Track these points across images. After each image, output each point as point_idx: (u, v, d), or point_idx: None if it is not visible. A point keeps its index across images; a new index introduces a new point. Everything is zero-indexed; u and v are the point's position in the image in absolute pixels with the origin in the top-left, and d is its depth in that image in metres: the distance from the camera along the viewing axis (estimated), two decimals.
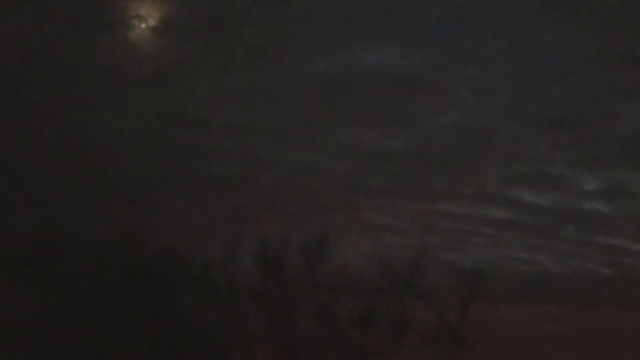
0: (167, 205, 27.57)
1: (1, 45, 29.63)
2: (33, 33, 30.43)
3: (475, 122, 39.60)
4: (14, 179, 24.98)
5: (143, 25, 32.74)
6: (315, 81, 37.67)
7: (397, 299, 22.79)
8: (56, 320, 20.61)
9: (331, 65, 38.57)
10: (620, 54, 36.79)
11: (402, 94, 38.30)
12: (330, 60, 38.50)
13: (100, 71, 32.32)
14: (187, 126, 35.13)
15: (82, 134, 28.67)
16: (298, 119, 38.38)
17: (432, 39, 39.17)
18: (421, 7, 37.04)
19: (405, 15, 37.35)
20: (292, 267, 23.34)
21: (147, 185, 28.37)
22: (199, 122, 35.44)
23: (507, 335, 22.34)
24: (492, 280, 22.79)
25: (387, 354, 22.41)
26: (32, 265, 21.25)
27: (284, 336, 22.72)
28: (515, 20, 38.51)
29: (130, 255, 22.47)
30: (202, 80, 35.64)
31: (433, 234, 33.99)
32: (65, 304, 20.93)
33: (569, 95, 40.30)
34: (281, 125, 38.04)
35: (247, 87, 36.74)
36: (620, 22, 35.79)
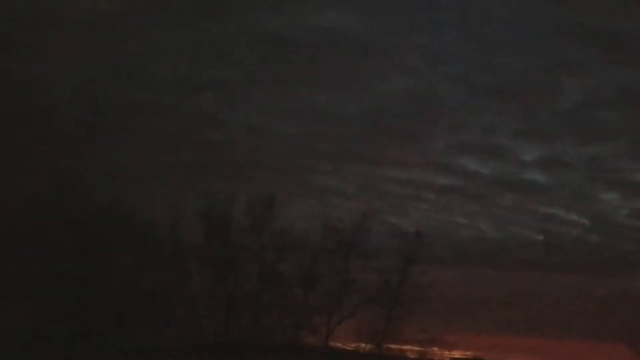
0: (112, 162, 26.84)
1: None
2: None
3: (425, 89, 40.26)
4: None
5: None
6: (268, 39, 37.16)
7: (341, 259, 23.30)
8: None
9: (284, 24, 38.10)
10: (569, 30, 37.90)
11: (354, 57, 38.35)
12: (284, 19, 37.99)
13: (41, 15, 30.60)
14: (134, 81, 34.09)
15: (21, 82, 27.26)
16: (249, 77, 37.88)
17: (387, 5, 39.21)
18: None
19: None
20: (238, 226, 23.43)
21: (91, 140, 27.48)
22: (146, 77, 34.47)
23: (444, 295, 23.26)
24: (432, 243, 23.62)
25: (330, 312, 23.02)
26: None
27: (228, 295, 22.91)
28: None
29: (71, 210, 21.87)
30: (149, 33, 34.48)
31: (378, 198, 34.75)
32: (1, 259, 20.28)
33: (516, 67, 41.43)
34: (231, 83, 37.48)
35: (196, 42, 35.85)
36: None
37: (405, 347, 23.06)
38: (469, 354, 28.61)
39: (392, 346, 23.18)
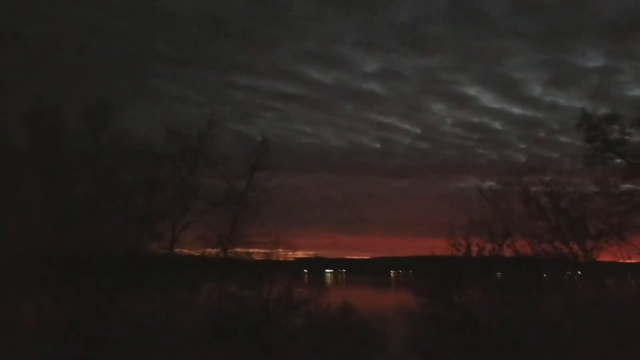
0: None
1: None
2: None
3: None
4: None
5: None
6: None
7: (186, 166, 22.93)
8: None
9: None
10: None
11: None
12: None
13: None
14: None
15: None
16: None
17: None
18: None
19: None
20: (71, 132, 21.87)
21: None
22: None
23: (289, 200, 24.11)
24: (278, 150, 24.07)
25: (175, 218, 22.78)
26: None
27: (63, 204, 21.52)
28: None
29: None
30: None
31: (224, 105, 34.11)
32: None
33: None
34: None
35: None
36: None
37: (251, 250, 23.78)
38: (311, 253, 30.48)
39: (239, 250, 23.77)
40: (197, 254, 23.54)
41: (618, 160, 21.67)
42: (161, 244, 22.83)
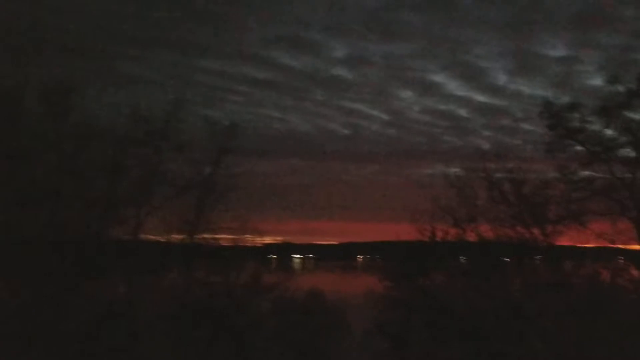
0: None
1: None
2: None
3: None
4: None
5: None
6: None
7: (151, 150, 22.55)
8: None
9: None
10: None
11: None
12: None
13: None
14: None
15: None
16: None
17: None
18: None
19: None
20: (31, 115, 21.22)
21: None
22: None
23: (257, 185, 24.02)
24: (246, 135, 23.86)
25: (139, 203, 22.43)
26: None
27: (24, 187, 20.94)
28: None
29: None
30: None
31: (191, 89, 33.63)
32: None
33: None
34: None
35: None
36: None
37: (218, 236, 23.59)
38: (279, 239, 30.45)
39: (206, 235, 23.57)
40: (162, 240, 23.24)
41: (578, 148, 22.27)
42: (125, 230, 22.47)
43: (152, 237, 23.47)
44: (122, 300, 21.58)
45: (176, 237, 23.04)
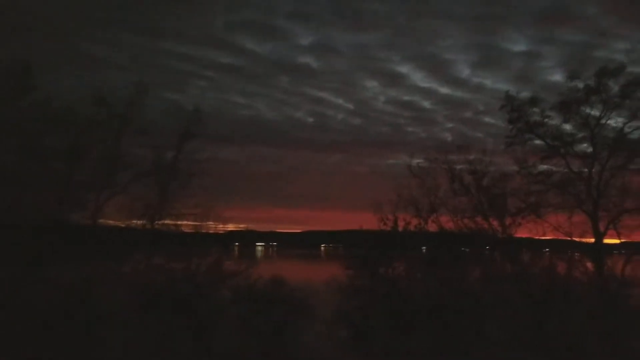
0: None
1: None
2: None
3: None
4: None
5: None
6: None
7: (113, 133, 22.11)
8: None
9: None
10: None
11: None
12: None
13: None
14: None
15: None
16: None
17: None
18: None
19: None
20: None
21: None
22: None
23: (221, 172, 23.81)
24: (210, 121, 23.58)
25: (99, 188, 22.00)
26: None
27: None
28: None
29: None
30: None
31: (155, 72, 33.01)
32: None
33: None
34: None
35: None
36: None
37: (180, 222, 23.32)
38: (242, 226, 30.23)
39: (167, 221, 23.27)
40: (122, 225, 22.84)
41: (537, 142, 22.83)
42: (84, 214, 22.00)
43: (111, 222, 23.06)
44: (81, 286, 21.16)
45: (137, 223, 22.67)
